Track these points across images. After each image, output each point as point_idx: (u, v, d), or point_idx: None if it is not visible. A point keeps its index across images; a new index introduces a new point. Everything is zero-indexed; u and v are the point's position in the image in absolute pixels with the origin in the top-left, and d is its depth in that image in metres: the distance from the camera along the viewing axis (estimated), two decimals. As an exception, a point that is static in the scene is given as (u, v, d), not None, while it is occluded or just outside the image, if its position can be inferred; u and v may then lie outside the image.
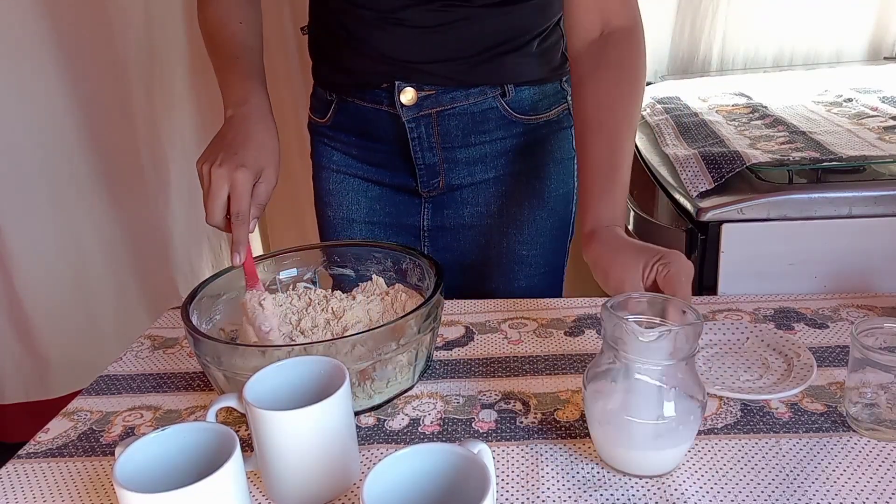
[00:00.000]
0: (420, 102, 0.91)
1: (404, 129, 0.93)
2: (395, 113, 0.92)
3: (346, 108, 0.98)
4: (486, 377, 0.74)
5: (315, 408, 0.55)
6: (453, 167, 0.96)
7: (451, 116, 0.92)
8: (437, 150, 0.95)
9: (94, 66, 1.65)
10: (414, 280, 0.82)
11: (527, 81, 0.93)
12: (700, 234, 0.97)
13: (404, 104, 0.91)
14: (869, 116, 1.21)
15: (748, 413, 0.66)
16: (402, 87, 0.90)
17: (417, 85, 0.90)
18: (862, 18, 1.65)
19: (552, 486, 0.59)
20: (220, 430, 0.53)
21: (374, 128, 0.96)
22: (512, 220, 0.99)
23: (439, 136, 0.94)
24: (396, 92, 0.90)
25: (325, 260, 0.87)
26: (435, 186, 0.98)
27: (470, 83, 0.91)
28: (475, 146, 0.95)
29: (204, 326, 0.74)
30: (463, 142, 0.95)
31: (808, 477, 0.58)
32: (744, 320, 0.82)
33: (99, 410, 0.74)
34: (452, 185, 0.98)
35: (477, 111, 0.93)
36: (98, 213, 1.76)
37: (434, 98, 0.91)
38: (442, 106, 0.92)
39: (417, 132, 0.93)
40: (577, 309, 0.87)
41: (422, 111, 0.92)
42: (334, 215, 1.04)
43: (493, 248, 1.00)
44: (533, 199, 0.99)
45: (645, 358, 0.55)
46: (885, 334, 0.62)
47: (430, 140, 0.94)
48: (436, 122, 0.93)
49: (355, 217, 1.03)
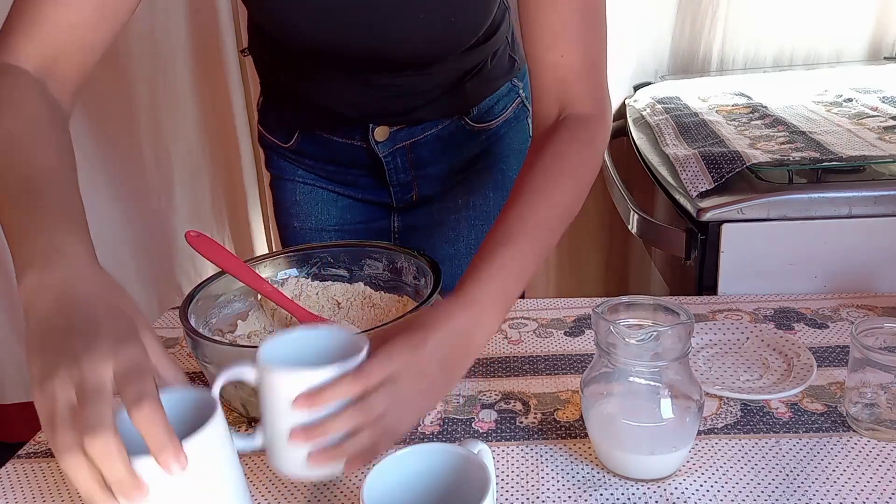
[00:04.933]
0: (393, 136, 0.93)
1: (379, 159, 0.94)
2: (369, 147, 0.93)
3: (312, 138, 0.96)
4: (486, 377, 0.74)
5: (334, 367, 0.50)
6: (425, 181, 0.98)
7: (423, 144, 0.94)
8: (410, 171, 0.97)
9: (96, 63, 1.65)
10: (409, 279, 0.82)
11: (486, 96, 0.95)
12: (700, 234, 0.97)
13: (378, 140, 0.92)
14: (869, 116, 1.21)
15: (748, 413, 0.66)
16: (375, 127, 0.91)
17: (390, 123, 0.92)
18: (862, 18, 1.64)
19: (552, 487, 0.59)
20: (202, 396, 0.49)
21: (344, 157, 0.96)
22: (478, 212, 1.01)
23: (412, 161, 0.96)
24: (371, 131, 0.91)
25: (317, 261, 0.86)
26: (409, 200, 1.00)
27: (439, 116, 0.93)
28: (444, 161, 0.98)
29: (202, 327, 0.74)
30: (433, 160, 0.97)
31: (808, 477, 0.58)
32: (744, 320, 0.82)
33: (99, 410, 0.74)
34: (424, 195, 1.00)
35: (445, 134, 0.95)
36: (100, 212, 1.76)
37: (407, 131, 0.93)
38: (414, 137, 0.94)
39: (394, 163, 0.95)
40: (577, 309, 0.87)
41: (396, 144, 0.93)
42: (302, 225, 1.02)
43: (462, 241, 1.02)
44: (498, 191, 1.01)
45: (637, 360, 0.56)
46: (885, 334, 0.62)
47: (404, 165, 0.96)
48: (409, 150, 0.95)
49: (325, 226, 1.02)
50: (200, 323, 0.74)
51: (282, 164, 1.01)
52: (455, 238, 1.01)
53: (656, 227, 1.10)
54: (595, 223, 1.79)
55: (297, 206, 1.01)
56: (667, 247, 1.09)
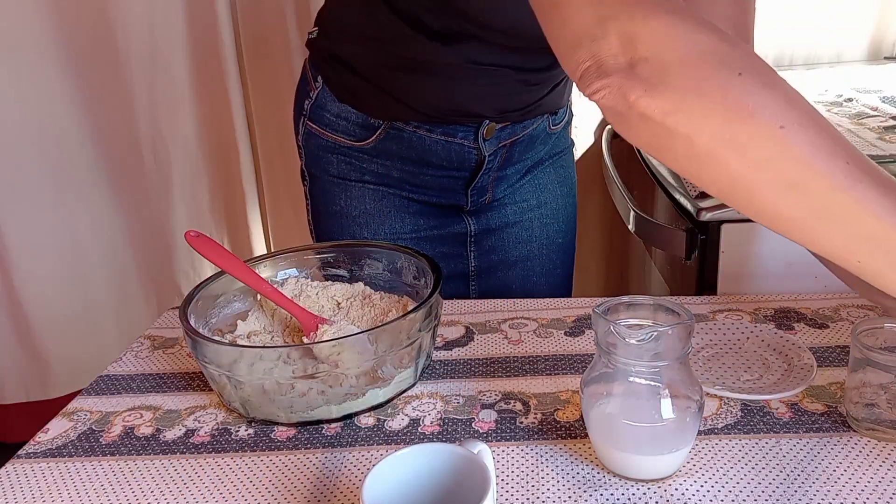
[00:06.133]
0: (498, 135, 0.91)
1: (478, 159, 0.91)
2: (473, 147, 0.90)
3: (399, 135, 0.90)
4: (486, 377, 0.74)
5: None
6: (500, 182, 0.98)
7: (517, 143, 0.94)
8: (492, 173, 0.95)
9: (95, 64, 1.65)
10: (409, 279, 0.82)
11: (568, 98, 0.98)
12: (700, 234, 0.97)
13: (486, 138, 0.90)
14: (869, 116, 1.21)
15: (748, 413, 0.66)
16: (488, 123, 0.89)
17: (500, 119, 0.90)
18: (862, 18, 1.64)
19: (552, 487, 0.59)
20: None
21: (435, 156, 0.91)
22: (548, 209, 1.03)
23: (503, 161, 0.95)
24: (482, 128, 0.89)
25: (318, 261, 0.86)
26: (482, 203, 0.99)
27: (541, 113, 0.94)
28: (522, 162, 0.98)
29: (202, 327, 0.74)
30: (518, 159, 0.97)
31: (808, 477, 0.58)
32: (744, 320, 0.82)
33: (98, 410, 0.74)
34: (497, 197, 0.99)
35: (534, 133, 0.95)
36: (99, 212, 1.76)
37: (510, 129, 0.92)
38: (516, 136, 0.93)
39: (492, 162, 0.93)
40: (577, 309, 0.87)
41: (500, 143, 0.92)
42: (374, 235, 0.95)
43: (535, 241, 1.03)
44: (562, 188, 1.03)
45: (637, 360, 0.55)
46: (885, 334, 0.62)
47: (497, 164, 0.94)
48: (506, 150, 0.94)
49: (401, 234, 0.96)
50: (200, 323, 0.74)
51: (344, 167, 0.94)
52: (528, 238, 1.03)
53: (656, 227, 1.10)
54: (595, 223, 1.79)
55: (368, 214, 0.95)
56: (667, 247, 1.09)
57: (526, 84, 0.87)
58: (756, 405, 0.67)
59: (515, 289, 1.03)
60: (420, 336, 0.70)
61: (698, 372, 0.72)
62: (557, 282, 1.06)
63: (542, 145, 0.99)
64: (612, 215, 1.58)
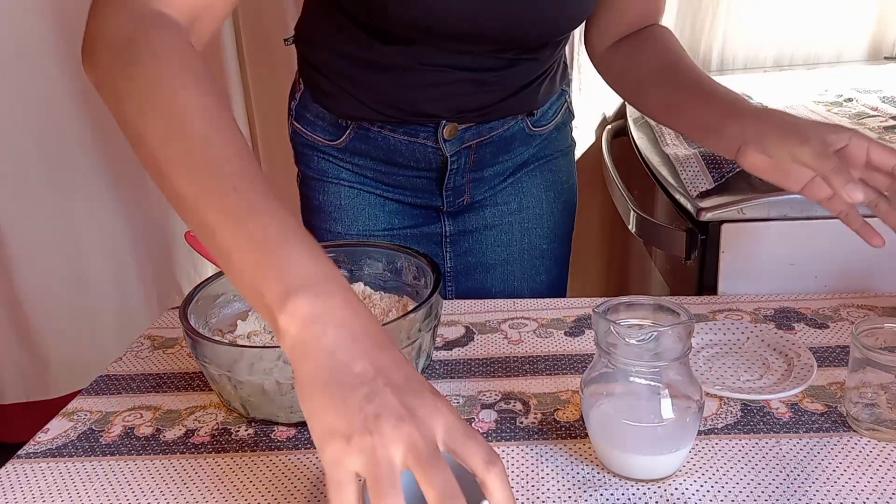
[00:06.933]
0: (461, 135, 0.91)
1: (442, 160, 0.92)
2: (435, 147, 0.91)
3: (366, 135, 0.92)
4: (486, 377, 0.74)
5: None
6: (478, 184, 0.97)
7: (486, 144, 0.93)
8: (468, 173, 0.95)
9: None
10: (409, 279, 0.82)
11: (549, 98, 0.96)
12: (700, 234, 0.97)
13: (446, 139, 0.90)
14: (869, 116, 1.21)
15: (748, 413, 0.66)
16: (446, 124, 0.89)
17: (462, 120, 0.90)
18: (862, 18, 1.64)
19: (552, 487, 0.59)
20: None
21: (402, 156, 0.93)
22: (531, 214, 1.01)
23: (474, 161, 0.94)
24: (441, 128, 0.89)
25: None
26: (460, 203, 0.99)
27: (510, 115, 0.92)
28: (500, 164, 0.97)
29: (202, 327, 0.74)
30: (492, 161, 0.96)
31: (808, 477, 0.58)
32: (744, 320, 0.82)
33: (98, 410, 0.74)
34: (475, 200, 0.99)
35: (508, 135, 0.94)
36: (99, 212, 1.76)
37: (475, 130, 0.91)
38: (481, 137, 0.92)
39: (457, 163, 0.93)
40: (577, 309, 0.87)
41: (463, 144, 0.92)
42: (347, 230, 0.98)
43: (515, 245, 1.02)
44: (548, 193, 1.02)
45: (637, 360, 0.56)
46: (886, 334, 0.62)
47: (465, 166, 0.94)
48: (474, 150, 0.93)
49: (373, 231, 0.98)
50: (200, 323, 0.74)
51: (323, 164, 0.96)
52: (508, 242, 1.01)
53: (656, 227, 1.10)
54: (595, 223, 1.79)
55: (342, 210, 0.97)
56: (667, 247, 1.09)
57: (481, 84, 0.87)
58: (756, 405, 0.67)
59: (495, 292, 1.02)
60: (420, 336, 0.70)
61: (698, 372, 0.72)
62: (541, 288, 1.04)
63: (523, 147, 0.97)
64: (612, 215, 1.58)
